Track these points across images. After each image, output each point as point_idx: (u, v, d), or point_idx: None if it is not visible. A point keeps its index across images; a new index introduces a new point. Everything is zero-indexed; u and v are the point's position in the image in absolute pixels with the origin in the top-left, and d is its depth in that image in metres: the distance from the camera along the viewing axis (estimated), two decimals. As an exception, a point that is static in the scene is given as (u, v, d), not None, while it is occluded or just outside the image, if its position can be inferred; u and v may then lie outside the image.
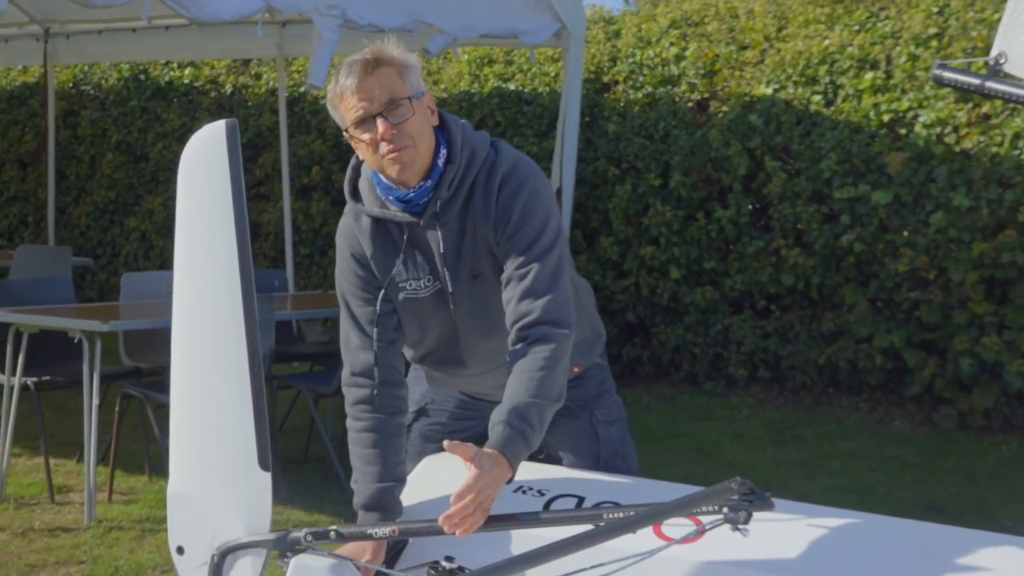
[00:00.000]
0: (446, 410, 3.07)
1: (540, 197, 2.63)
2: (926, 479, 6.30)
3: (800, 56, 7.72)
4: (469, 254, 2.65)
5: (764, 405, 7.91)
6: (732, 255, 7.94)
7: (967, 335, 6.97)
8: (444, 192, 2.59)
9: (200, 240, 2.49)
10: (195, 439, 2.50)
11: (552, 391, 2.49)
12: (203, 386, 2.49)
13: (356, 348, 2.70)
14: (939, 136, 7.01)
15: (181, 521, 2.51)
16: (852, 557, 2.39)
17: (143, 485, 5.77)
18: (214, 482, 2.48)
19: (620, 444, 3.11)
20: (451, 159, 2.60)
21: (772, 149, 7.68)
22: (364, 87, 2.48)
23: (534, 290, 2.55)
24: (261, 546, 2.43)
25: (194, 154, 2.55)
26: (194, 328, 2.50)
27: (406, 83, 2.52)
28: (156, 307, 6.03)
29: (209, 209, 2.46)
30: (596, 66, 8.67)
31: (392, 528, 2.35)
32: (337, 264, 2.77)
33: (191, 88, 10.85)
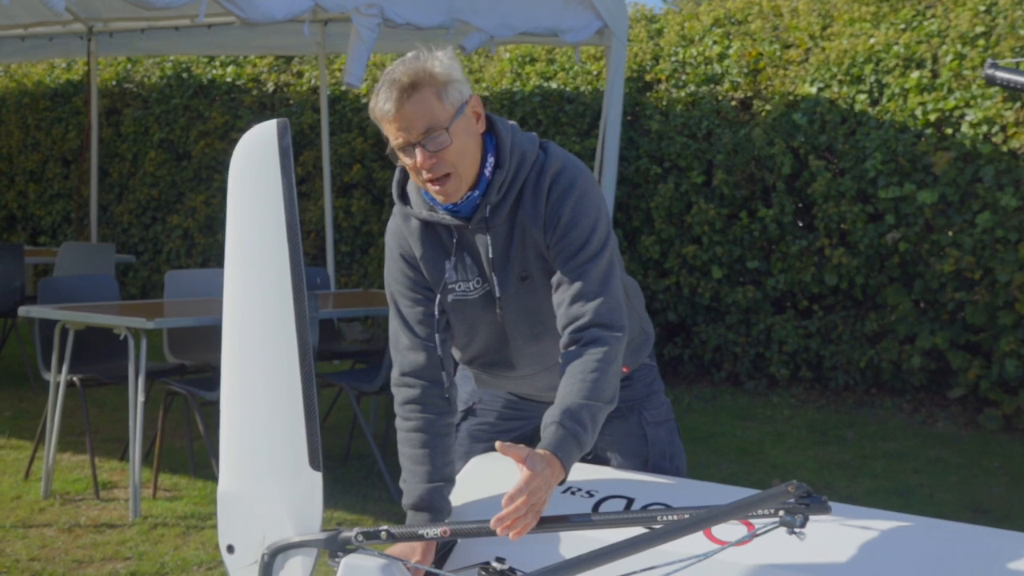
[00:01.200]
0: (494, 410, 3.06)
1: (590, 198, 2.61)
2: (971, 481, 6.24)
3: (845, 55, 7.67)
4: (518, 256, 2.63)
5: (806, 405, 7.86)
6: (775, 255, 7.89)
7: (1013, 336, 6.90)
8: (493, 197, 2.58)
9: (251, 239, 2.49)
10: (245, 438, 2.51)
11: (605, 393, 2.48)
12: (253, 385, 2.50)
13: (405, 348, 2.69)
14: (986, 135, 6.94)
15: (231, 520, 2.52)
16: (905, 561, 2.37)
17: (187, 482, 5.80)
18: (264, 481, 2.49)
19: (668, 445, 3.10)
20: (500, 164, 2.58)
21: (816, 148, 7.63)
22: (402, 115, 2.45)
23: (585, 293, 2.54)
24: (312, 546, 2.43)
25: (245, 153, 2.54)
26: (245, 327, 2.50)
27: (445, 104, 2.47)
28: (200, 304, 6.07)
29: (260, 208, 2.46)
30: (638, 64, 8.64)
31: (443, 529, 2.34)
32: (386, 264, 2.76)
33: (233, 86, 10.90)
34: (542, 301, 2.66)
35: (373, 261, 9.72)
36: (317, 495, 2.48)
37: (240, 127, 10.59)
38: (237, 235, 2.51)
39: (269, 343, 2.46)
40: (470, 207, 2.59)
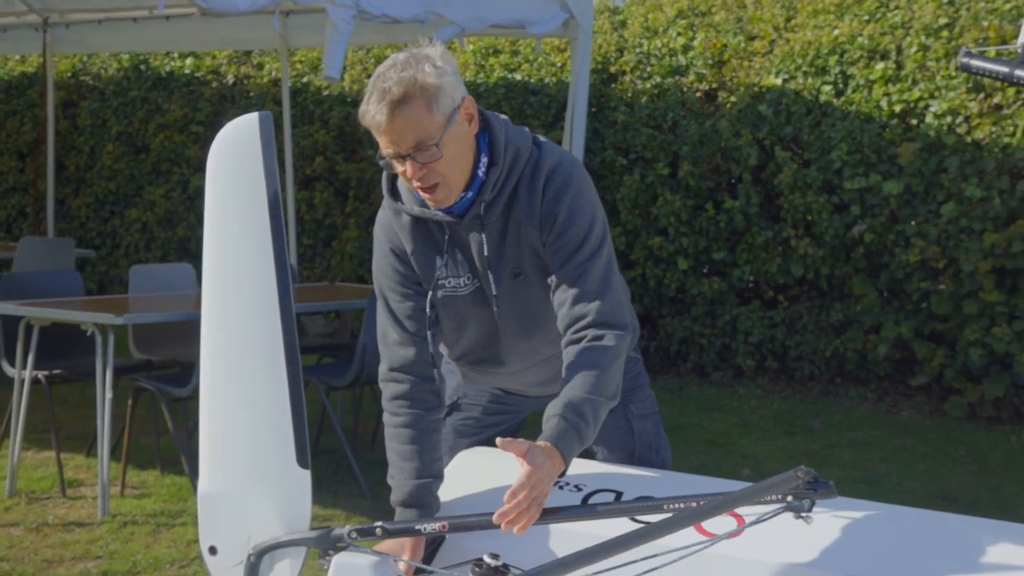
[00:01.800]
0: (479, 404, 3.04)
1: (585, 196, 2.59)
2: (938, 470, 6.29)
3: (809, 46, 7.69)
4: (512, 253, 2.61)
5: (771, 396, 7.89)
6: (741, 246, 7.91)
7: (977, 325, 6.96)
8: (487, 195, 2.55)
9: (233, 235, 2.45)
10: (228, 437, 2.47)
11: (608, 389, 2.47)
12: (236, 382, 2.46)
13: (394, 344, 2.66)
14: (950, 126, 6.99)
15: (213, 521, 2.47)
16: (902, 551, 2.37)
17: (155, 479, 5.73)
18: (250, 481, 2.45)
19: (654, 438, 3.09)
20: (494, 161, 2.55)
21: (782, 139, 7.66)
22: (392, 128, 2.41)
23: (587, 293, 2.53)
24: (302, 544, 2.40)
25: (225, 147, 2.50)
26: (226, 323, 2.46)
27: (435, 115, 2.42)
28: (167, 299, 6.00)
29: (242, 203, 2.42)
30: (603, 56, 8.63)
31: (441, 523, 2.31)
32: (375, 259, 2.72)
33: (192, 78, 10.79)
34: (534, 298, 2.65)
35: (336, 254, 9.66)
36: (306, 493, 2.44)
37: (200, 119, 10.51)
38: (217, 230, 2.46)
39: (253, 339, 2.42)
40: (463, 206, 2.57)
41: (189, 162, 10.56)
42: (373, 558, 2.35)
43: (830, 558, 2.37)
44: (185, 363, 6.04)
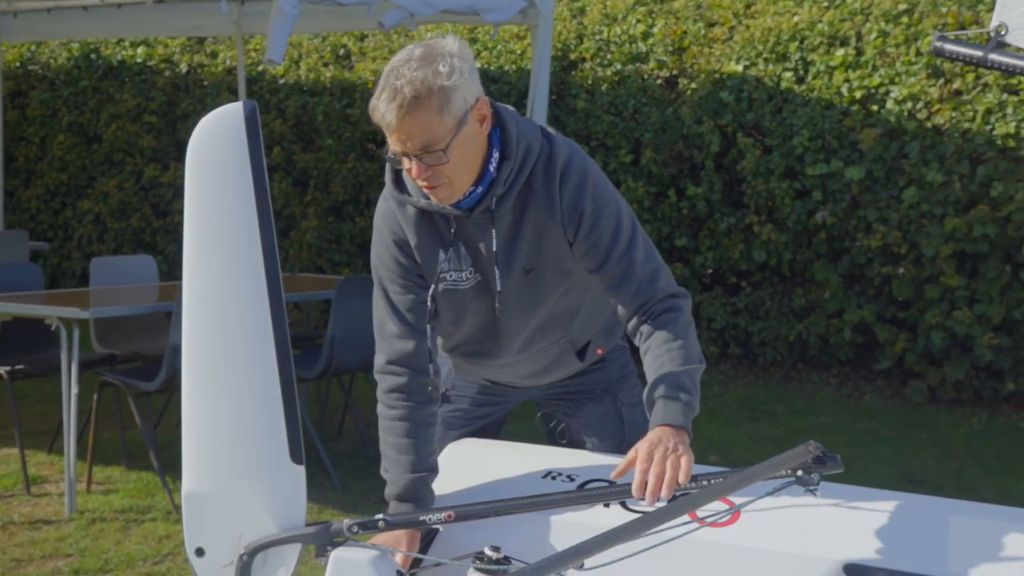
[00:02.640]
0: (468, 396, 3.02)
1: (604, 185, 2.59)
2: (902, 452, 6.35)
3: (770, 33, 7.71)
4: (526, 248, 2.59)
5: (735, 381, 7.93)
6: (703, 232, 7.93)
7: (938, 309, 7.03)
8: (499, 189, 2.52)
9: (218, 230, 2.39)
10: (216, 434, 2.41)
11: (694, 354, 2.50)
12: (225, 379, 2.40)
13: (393, 336, 2.63)
14: (911, 112, 7.03)
15: (200, 521, 2.41)
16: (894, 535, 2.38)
17: (120, 475, 5.65)
18: (241, 478, 2.39)
19: (643, 426, 3.07)
20: (506, 156, 2.51)
21: (744, 126, 7.68)
22: (401, 129, 2.36)
23: (642, 279, 2.55)
24: (299, 541, 2.36)
25: (206, 138, 2.41)
26: (213, 318, 2.40)
27: (446, 118, 2.37)
28: (130, 292, 5.92)
29: (228, 198, 2.36)
30: (562, 43, 8.61)
31: (447, 512, 2.28)
32: (375, 248, 2.67)
33: (145, 67, 10.63)
34: (543, 294, 2.65)
35: (294, 245, 9.58)
36: (301, 489, 2.41)
37: (153, 109, 10.37)
38: (200, 225, 2.39)
39: (242, 334, 2.37)
40: (472, 201, 2.53)
41: (143, 152, 10.42)
42: (372, 552, 2.32)
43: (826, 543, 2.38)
44: (149, 357, 5.96)
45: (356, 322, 5.62)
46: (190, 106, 10.20)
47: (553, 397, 3.07)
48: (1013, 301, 6.80)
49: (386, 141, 2.46)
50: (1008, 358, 6.89)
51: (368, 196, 9.34)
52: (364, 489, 5.38)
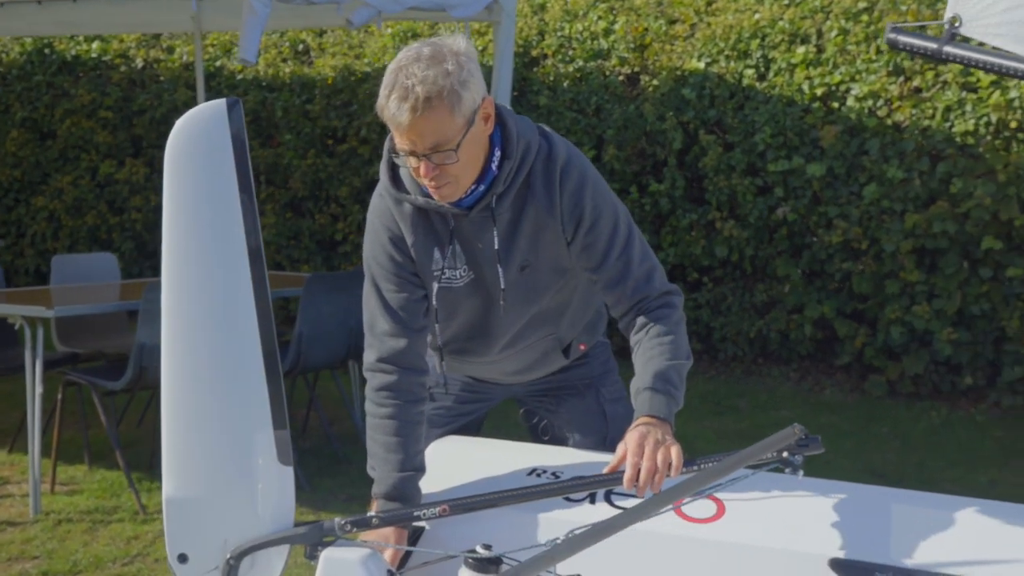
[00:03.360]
0: (452, 394, 3.02)
1: (602, 186, 2.63)
2: (864, 446, 6.41)
3: (731, 30, 7.75)
4: (523, 245, 2.60)
5: (697, 376, 7.96)
6: (666, 228, 7.96)
7: (898, 304, 7.10)
8: (499, 187, 2.53)
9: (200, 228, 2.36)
10: (199, 437, 2.38)
11: (682, 351, 2.55)
12: (209, 382, 2.37)
13: (383, 334, 2.62)
14: (871, 109, 7.10)
15: (183, 527, 2.38)
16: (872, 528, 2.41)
17: (83, 475, 5.59)
18: (226, 482, 2.37)
19: (626, 422, 3.09)
20: (507, 154, 2.52)
21: (706, 123, 7.72)
22: (412, 128, 2.35)
23: (639, 279, 2.60)
24: (290, 542, 2.34)
25: (186, 137, 2.37)
26: (195, 320, 2.37)
27: (456, 118, 2.36)
28: (93, 290, 5.86)
29: (209, 194, 2.33)
30: (524, 40, 8.61)
31: (441, 507, 2.28)
32: (368, 245, 2.66)
33: (100, 62, 10.51)
34: (538, 291, 2.67)
35: (254, 241, 9.48)
36: (289, 491, 2.39)
37: (109, 105, 10.25)
38: (181, 223, 2.36)
39: (226, 335, 2.35)
40: (472, 199, 2.54)
41: (98, 148, 10.30)
42: (363, 551, 2.31)
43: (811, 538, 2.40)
44: (112, 355, 5.91)
45: (323, 320, 5.60)
46: (146, 102, 10.09)
47: (535, 393, 3.08)
48: (971, 296, 6.88)
49: (346, 138, 2.46)
50: (966, 352, 6.98)
51: (328, 192, 9.29)
52: (332, 487, 5.36)
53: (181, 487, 2.36)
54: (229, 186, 2.31)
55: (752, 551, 2.42)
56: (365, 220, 2.70)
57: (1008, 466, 5.97)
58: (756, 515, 2.50)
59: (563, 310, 2.79)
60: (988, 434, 6.57)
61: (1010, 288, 6.76)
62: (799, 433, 2.21)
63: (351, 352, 5.92)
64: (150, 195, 10.11)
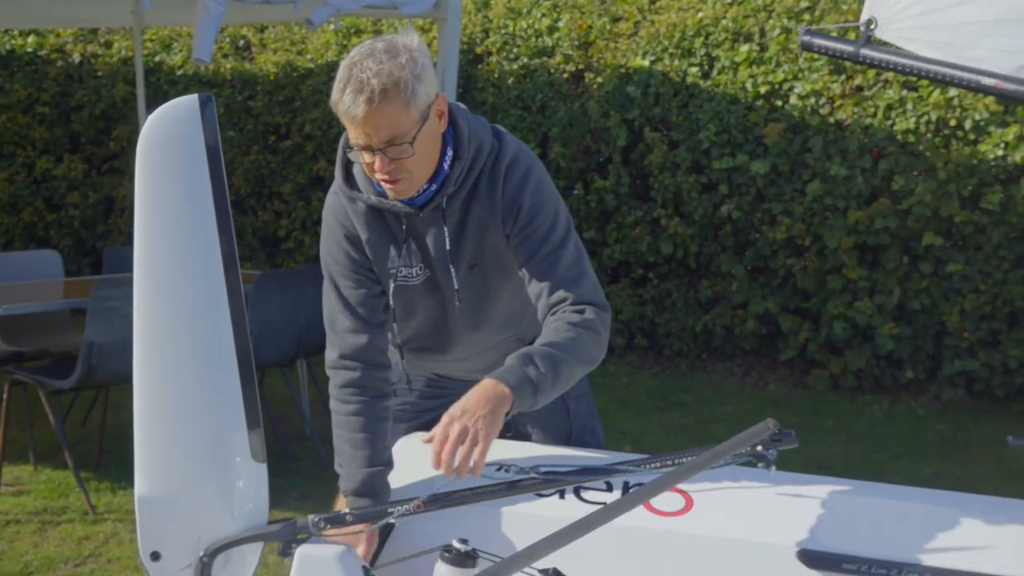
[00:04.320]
0: (416, 389, 3.02)
1: (546, 186, 2.61)
2: (809, 440, 6.48)
3: (675, 28, 7.81)
4: (469, 245, 2.61)
5: (642, 372, 8.02)
6: (611, 225, 8.00)
7: (841, 300, 7.20)
8: (450, 188, 2.54)
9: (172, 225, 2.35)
10: (172, 437, 2.37)
11: (576, 349, 2.42)
12: (183, 381, 2.35)
13: (345, 331, 2.62)
14: (814, 107, 7.19)
15: (155, 525, 2.37)
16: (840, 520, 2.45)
17: (29, 475, 5.51)
18: (199, 479, 2.36)
19: (589, 419, 3.12)
20: (459, 155, 2.53)
21: (650, 120, 7.77)
22: (368, 122, 2.36)
23: (563, 280, 2.54)
24: (264, 539, 2.34)
25: (157, 133, 2.38)
26: (167, 314, 2.36)
27: (411, 112, 2.38)
28: (35, 288, 5.78)
29: (181, 191, 2.33)
30: (468, 37, 8.60)
31: (416, 503, 2.28)
32: (325, 243, 2.67)
33: (35, 57, 10.33)
34: (487, 289, 2.67)
35: (195, 238, 9.38)
36: (263, 488, 2.38)
37: (45, 100, 10.09)
38: (153, 220, 2.35)
39: (200, 331, 2.34)
40: (424, 198, 2.54)
41: (34, 144, 10.14)
42: (338, 548, 2.31)
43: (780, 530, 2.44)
44: (57, 354, 5.83)
45: (272, 317, 5.56)
46: (84, 97, 9.95)
47: None
48: (912, 292, 7.00)
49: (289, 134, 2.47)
50: (907, 347, 7.10)
51: (271, 189, 9.22)
52: (283, 486, 5.33)
53: (154, 485, 2.35)
54: (202, 184, 2.30)
55: (721, 543, 2.45)
56: (309, 217, 2.72)
57: (951, 458, 6.09)
58: (724, 508, 2.54)
59: (524, 311, 2.78)
60: (930, 427, 6.69)
61: (950, 283, 6.89)
62: (773, 428, 2.24)
63: (301, 350, 5.89)
64: (88, 192, 9.98)
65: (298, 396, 6.29)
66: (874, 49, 2.43)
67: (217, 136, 2.30)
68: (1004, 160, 6.58)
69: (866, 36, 2.43)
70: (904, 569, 2.30)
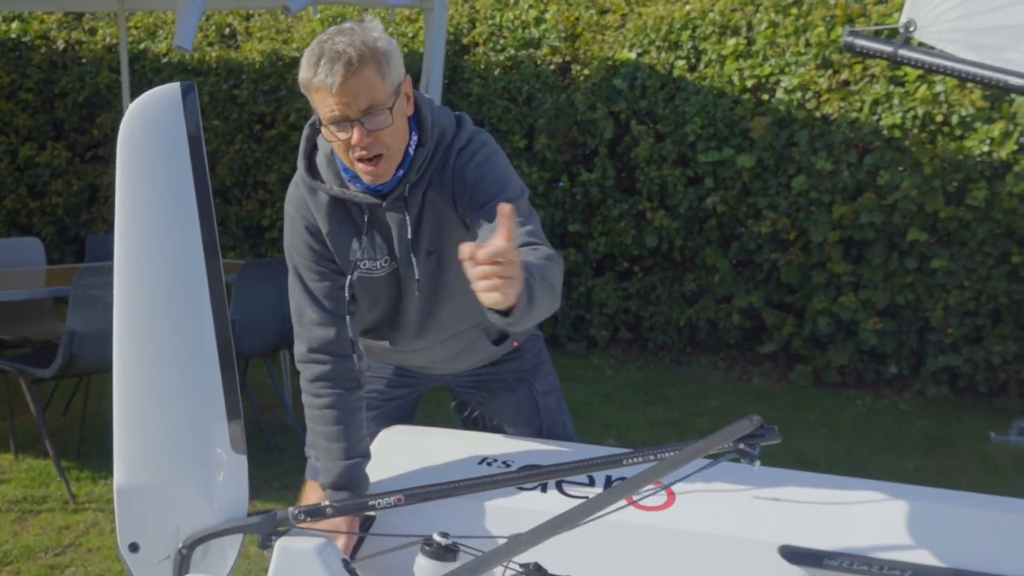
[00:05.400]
0: (383, 377, 3.01)
1: (497, 158, 2.59)
2: (792, 434, 6.49)
3: (662, 21, 7.79)
4: (428, 233, 2.60)
5: (626, 365, 8.01)
6: (596, 218, 7.99)
7: (825, 295, 7.20)
8: (413, 176, 2.54)
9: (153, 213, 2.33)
10: (151, 425, 2.36)
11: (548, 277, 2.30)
12: (163, 372, 2.34)
13: (313, 323, 2.61)
14: (800, 102, 7.18)
15: (133, 516, 2.37)
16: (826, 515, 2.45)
17: (9, 464, 5.47)
18: (179, 471, 2.35)
19: (559, 414, 3.12)
20: (422, 141, 2.53)
21: (637, 113, 7.75)
22: (345, 90, 2.34)
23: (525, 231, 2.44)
24: (243, 531, 2.33)
25: (139, 121, 2.36)
26: (147, 306, 2.34)
27: (386, 83, 2.39)
28: (18, 276, 5.73)
29: (162, 179, 2.31)
30: (455, 28, 8.57)
31: (397, 496, 2.28)
32: (287, 235, 2.66)
33: (19, 43, 10.27)
34: (446, 275, 2.66)
35: (179, 227, 9.35)
36: (243, 480, 2.38)
37: (29, 87, 10.04)
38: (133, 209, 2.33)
39: (180, 322, 2.32)
40: (389, 186, 2.53)
41: (18, 131, 10.09)
42: (317, 540, 2.30)
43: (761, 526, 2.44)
44: (39, 342, 5.79)
45: (257, 307, 5.54)
46: (68, 84, 9.89)
47: (467, 385, 3.08)
48: (896, 287, 7.01)
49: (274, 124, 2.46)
50: (891, 342, 7.10)
51: (255, 178, 9.18)
52: (266, 476, 5.31)
53: (133, 476, 2.34)
54: (183, 173, 2.29)
55: (703, 539, 2.45)
56: None
57: (933, 453, 6.10)
58: (707, 503, 2.53)
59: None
60: (913, 422, 6.69)
61: (934, 279, 6.89)
62: (756, 423, 2.24)
63: (284, 340, 5.87)
64: (72, 179, 9.92)
65: (281, 386, 6.27)
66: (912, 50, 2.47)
67: (199, 125, 2.28)
68: (990, 156, 6.58)
69: (905, 37, 2.48)
70: (885, 565, 2.30)
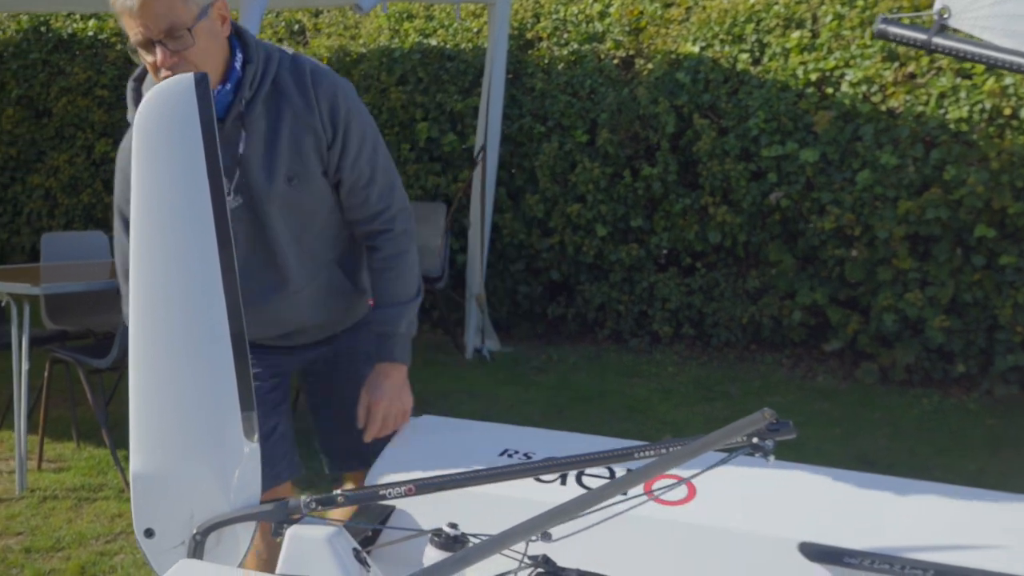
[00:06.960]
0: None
1: (352, 93, 2.73)
2: (854, 433, 6.40)
3: (726, 14, 7.72)
4: (286, 155, 2.65)
5: (689, 362, 7.96)
6: (658, 213, 7.94)
7: (891, 291, 7.08)
8: (246, 92, 2.59)
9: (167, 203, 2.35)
10: (166, 413, 2.37)
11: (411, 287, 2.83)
12: (174, 356, 2.36)
13: None
14: (865, 95, 7.07)
15: (149, 502, 2.38)
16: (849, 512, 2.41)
17: (71, 452, 5.60)
18: (192, 457, 2.37)
19: None
20: (249, 59, 2.60)
21: (700, 107, 7.69)
22: (143, 11, 2.43)
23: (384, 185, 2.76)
24: (255, 519, 2.34)
25: (153, 114, 2.37)
26: (161, 291, 2.36)
27: (188, 4, 2.46)
28: (82, 268, 5.84)
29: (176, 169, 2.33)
30: (519, 22, 8.58)
31: (407, 487, 2.27)
32: (117, 187, 2.75)
33: (96, 40, 10.48)
34: (305, 200, 2.71)
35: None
36: (255, 467, 2.38)
37: (104, 83, 10.23)
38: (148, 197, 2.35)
39: (193, 309, 2.34)
40: (223, 104, 2.57)
41: (94, 127, 10.28)
42: (329, 529, 2.30)
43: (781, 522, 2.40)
44: (101, 333, 5.90)
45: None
46: (142, 81, 10.06)
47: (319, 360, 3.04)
48: (964, 284, 6.87)
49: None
50: (959, 340, 6.96)
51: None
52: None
53: (149, 462, 2.36)
54: (197, 163, 2.30)
55: (722, 534, 2.42)
56: None
57: (997, 455, 5.97)
58: (727, 498, 2.50)
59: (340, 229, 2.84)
60: (980, 422, 6.56)
61: (1003, 276, 6.74)
62: (769, 417, 2.19)
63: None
64: (145, 174, 10.08)
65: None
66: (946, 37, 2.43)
67: (212, 115, 2.30)
68: (1060, 150, 6.43)
69: (939, 25, 2.43)
70: (907, 564, 2.25)
